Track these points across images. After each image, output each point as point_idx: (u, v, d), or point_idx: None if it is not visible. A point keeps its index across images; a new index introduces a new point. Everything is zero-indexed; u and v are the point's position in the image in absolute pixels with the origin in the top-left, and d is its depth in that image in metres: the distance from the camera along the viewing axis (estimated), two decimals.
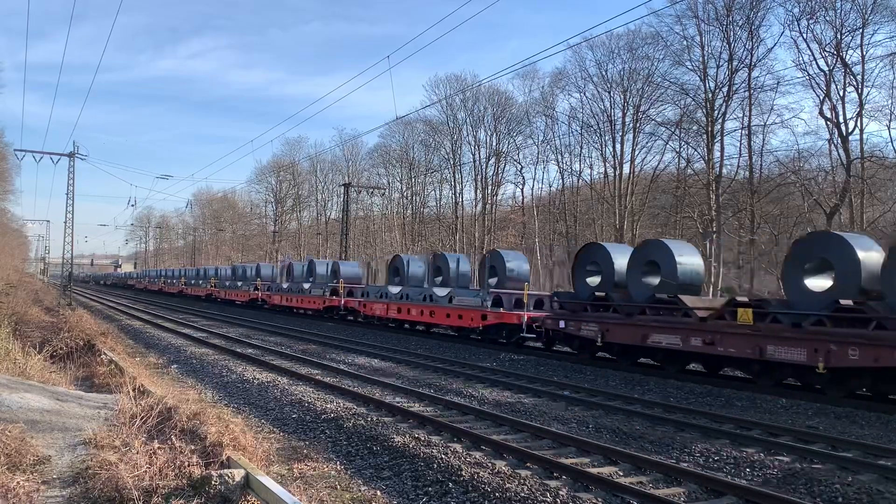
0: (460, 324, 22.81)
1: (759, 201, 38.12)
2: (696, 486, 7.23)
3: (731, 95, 39.58)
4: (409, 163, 69.66)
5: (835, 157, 35.89)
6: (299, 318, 35.23)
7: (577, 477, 7.41)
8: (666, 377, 15.38)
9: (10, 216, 71.40)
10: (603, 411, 11.54)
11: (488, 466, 7.77)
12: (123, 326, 28.32)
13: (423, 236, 67.86)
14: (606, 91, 48.63)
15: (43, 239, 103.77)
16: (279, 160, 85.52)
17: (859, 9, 33.79)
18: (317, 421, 10.50)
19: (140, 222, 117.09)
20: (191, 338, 23.39)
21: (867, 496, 7.07)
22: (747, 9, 38.38)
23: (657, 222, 48.40)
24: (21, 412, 8.44)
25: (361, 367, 16.66)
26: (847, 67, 34.53)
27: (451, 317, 23.23)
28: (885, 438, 9.92)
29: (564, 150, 54.58)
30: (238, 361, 17.47)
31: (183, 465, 6.15)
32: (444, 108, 62.41)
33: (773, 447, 9.10)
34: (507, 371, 16.29)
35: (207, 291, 55.30)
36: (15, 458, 6.43)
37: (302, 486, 7.11)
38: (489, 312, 21.29)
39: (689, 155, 43.24)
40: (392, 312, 26.87)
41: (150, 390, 10.02)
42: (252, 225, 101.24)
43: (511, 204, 63.59)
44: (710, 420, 10.86)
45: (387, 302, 27.21)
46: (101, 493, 5.80)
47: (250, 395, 12.94)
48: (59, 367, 13.95)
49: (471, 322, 22.13)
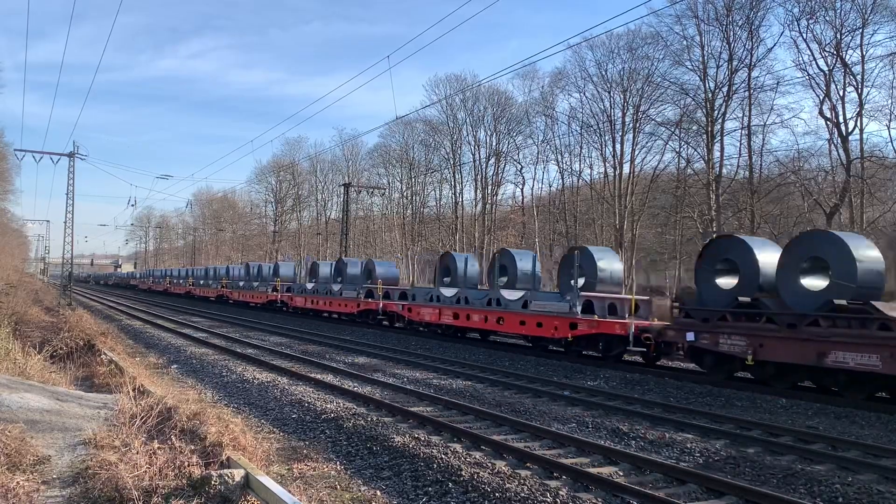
0: (539, 333, 19.25)
1: (759, 201, 38.09)
2: (696, 485, 7.24)
3: (730, 95, 39.57)
4: (409, 163, 69.70)
5: (835, 157, 35.91)
6: (331, 324, 31.80)
7: (577, 477, 7.41)
8: (664, 377, 15.37)
9: (10, 216, 71.54)
10: (603, 411, 11.54)
11: (488, 466, 7.77)
12: (123, 326, 28.32)
13: (423, 236, 67.86)
14: (606, 91, 48.68)
15: (43, 239, 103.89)
16: (279, 160, 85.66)
17: (859, 9, 33.80)
18: (316, 421, 10.51)
19: (140, 222, 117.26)
20: (191, 338, 23.37)
21: (867, 496, 7.07)
22: (747, 9, 38.38)
23: (657, 222, 48.44)
24: (21, 412, 8.44)
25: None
26: (847, 67, 34.52)
27: (526, 325, 19.70)
28: (885, 438, 9.93)
29: (564, 150, 54.63)
30: (238, 361, 17.47)
31: (183, 465, 6.15)
32: (444, 108, 62.52)
33: (773, 447, 9.11)
34: (507, 371, 16.27)
35: (218, 292, 52.31)
36: (15, 458, 6.43)
37: (302, 486, 7.11)
38: (581, 320, 17.73)
39: (689, 155, 43.27)
40: (446, 318, 23.45)
41: (150, 390, 10.02)
42: (252, 225, 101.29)
43: (511, 204, 63.64)
44: (710, 420, 10.86)
45: (439, 306, 23.92)
46: (101, 493, 5.80)
47: (250, 395, 12.95)
48: (59, 367, 13.95)
49: (554, 332, 18.47)
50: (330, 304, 33.10)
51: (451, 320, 23.17)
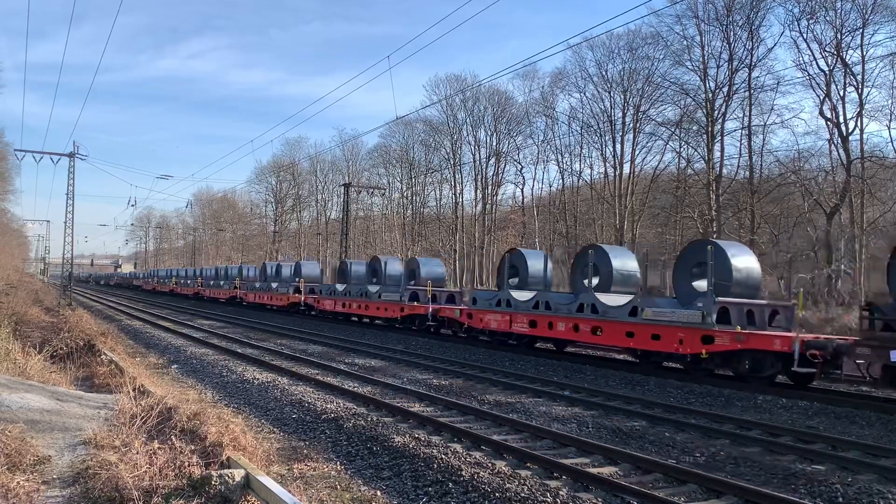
0: (655, 347, 15.90)
1: (759, 201, 38.10)
2: (696, 485, 7.24)
3: (731, 95, 39.57)
4: (409, 163, 69.70)
5: (835, 157, 35.90)
6: (371, 330, 28.06)
7: (578, 477, 7.41)
8: (666, 377, 15.36)
9: (10, 216, 71.63)
10: (603, 411, 11.54)
11: (488, 466, 7.77)
12: (123, 326, 28.32)
13: (423, 236, 67.87)
14: (606, 91, 48.68)
15: (43, 239, 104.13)
16: (279, 160, 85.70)
17: (859, 9, 33.80)
18: (317, 421, 10.50)
19: (140, 222, 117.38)
20: (191, 338, 23.28)
21: (867, 496, 7.07)
22: (747, 9, 38.39)
23: (657, 222, 48.43)
24: (21, 412, 8.44)
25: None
26: (847, 67, 34.52)
27: (636, 336, 16.32)
28: (885, 438, 9.93)
29: (564, 150, 54.62)
30: (238, 361, 17.46)
31: (183, 465, 6.15)
32: (444, 108, 62.49)
33: (772, 447, 9.11)
34: (508, 371, 16.26)
35: (230, 294, 49.21)
36: (15, 458, 6.43)
37: (302, 486, 7.11)
38: (720, 332, 14.48)
39: (689, 155, 43.28)
40: (519, 326, 20.15)
41: (151, 390, 10.03)
42: (252, 225, 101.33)
43: (511, 204, 63.64)
44: (710, 420, 10.85)
45: (510, 312, 20.54)
46: (101, 493, 5.80)
47: (251, 395, 12.95)
48: (59, 368, 13.94)
49: (678, 347, 15.15)
50: (366, 308, 29.84)
51: (526, 329, 19.90)
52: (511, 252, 22.53)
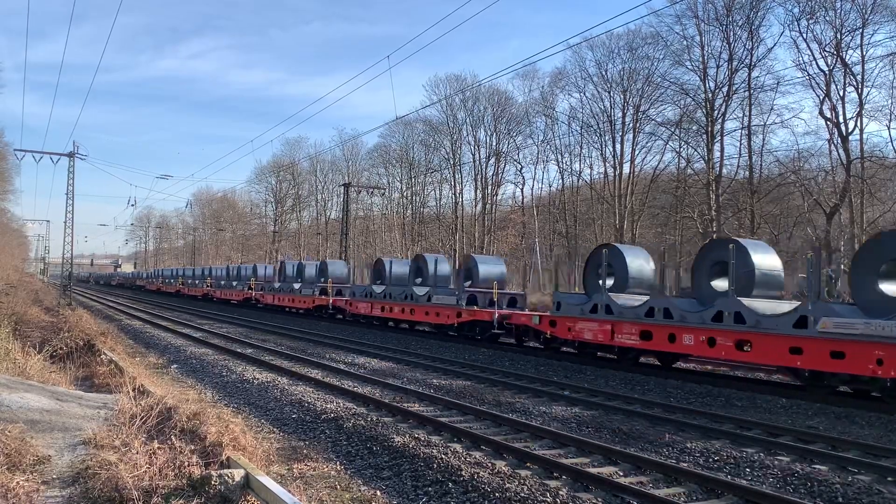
0: (838, 368, 12.49)
1: (759, 201, 38.11)
2: (696, 486, 7.23)
3: (730, 95, 39.59)
4: (409, 163, 69.70)
5: (835, 157, 35.93)
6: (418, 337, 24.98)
7: (577, 477, 7.41)
8: (666, 377, 15.36)
9: (10, 216, 71.68)
10: (603, 411, 11.53)
11: (488, 466, 7.77)
12: (123, 326, 28.31)
13: (423, 236, 67.87)
14: (606, 91, 48.72)
15: (43, 239, 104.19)
16: (279, 160, 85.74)
17: (859, 9, 33.83)
18: (316, 421, 10.50)
19: (140, 222, 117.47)
20: (190, 338, 23.27)
21: (867, 496, 7.07)
22: (747, 9, 38.42)
23: (657, 222, 48.45)
24: (21, 412, 8.44)
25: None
26: (847, 67, 34.54)
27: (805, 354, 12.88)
28: (885, 438, 9.92)
29: (564, 150, 54.70)
30: (238, 361, 17.46)
31: (183, 465, 6.15)
32: (444, 108, 62.51)
33: (773, 447, 9.10)
34: (507, 371, 16.27)
35: (245, 295, 45.92)
36: (15, 458, 6.43)
37: (302, 486, 7.11)
38: None
39: (689, 155, 43.30)
40: (627, 338, 16.63)
41: (150, 390, 10.02)
42: (252, 225, 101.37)
43: (511, 204, 63.68)
44: (709, 420, 10.85)
45: (610, 320, 17.01)
46: (101, 493, 5.80)
47: (250, 394, 12.94)
48: (59, 367, 13.94)
49: (875, 369, 11.71)
50: (412, 313, 26.19)
51: (636, 341, 16.38)
52: (606, 247, 19.10)
